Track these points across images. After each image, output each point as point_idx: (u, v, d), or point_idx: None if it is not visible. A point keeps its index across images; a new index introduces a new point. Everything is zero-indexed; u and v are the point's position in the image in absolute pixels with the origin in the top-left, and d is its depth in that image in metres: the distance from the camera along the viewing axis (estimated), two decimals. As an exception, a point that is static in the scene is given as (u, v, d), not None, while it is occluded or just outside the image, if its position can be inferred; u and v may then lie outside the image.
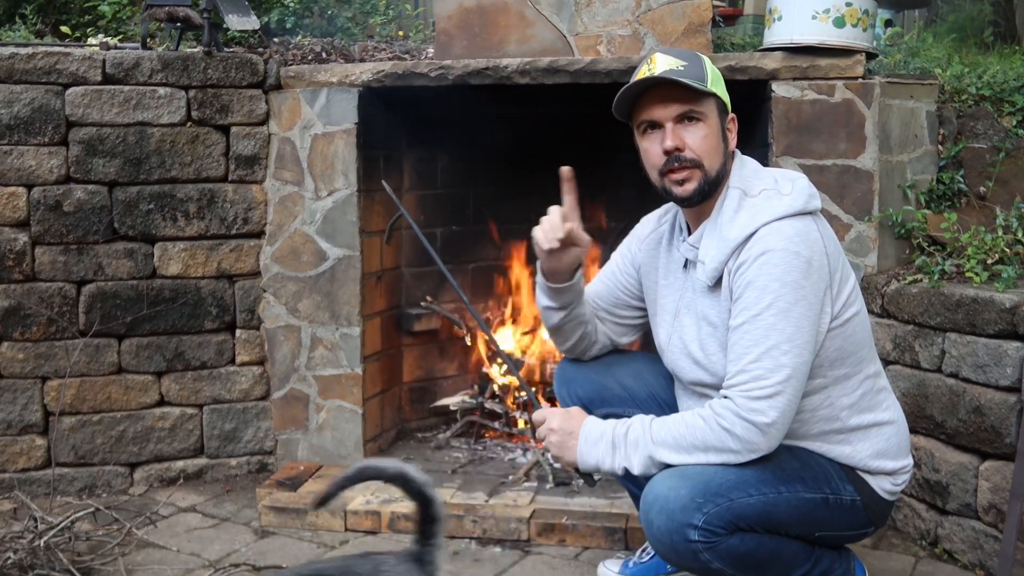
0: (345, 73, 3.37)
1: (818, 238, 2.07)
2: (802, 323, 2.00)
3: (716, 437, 2.02)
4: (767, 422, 1.99)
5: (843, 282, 2.12)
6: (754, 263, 2.03)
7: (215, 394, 3.51)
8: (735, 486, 2.03)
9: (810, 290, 2.02)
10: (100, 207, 3.33)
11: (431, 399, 3.96)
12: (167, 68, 3.34)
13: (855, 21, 3.04)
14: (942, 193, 3.28)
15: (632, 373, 2.48)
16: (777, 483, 2.08)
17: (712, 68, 2.17)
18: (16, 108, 3.22)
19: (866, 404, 2.18)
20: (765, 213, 2.07)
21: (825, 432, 2.16)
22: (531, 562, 2.81)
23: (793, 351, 1.99)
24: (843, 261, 2.15)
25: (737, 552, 2.05)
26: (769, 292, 2.00)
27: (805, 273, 2.01)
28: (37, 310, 3.29)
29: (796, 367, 2.00)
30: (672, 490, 2.02)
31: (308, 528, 3.05)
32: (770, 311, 2.00)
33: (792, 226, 2.04)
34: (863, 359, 2.17)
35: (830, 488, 2.14)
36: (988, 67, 3.78)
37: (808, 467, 2.14)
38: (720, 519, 2.01)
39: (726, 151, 2.19)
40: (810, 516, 2.13)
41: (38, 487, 3.33)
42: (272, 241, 3.49)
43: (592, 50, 3.43)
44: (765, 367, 1.99)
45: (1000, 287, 2.65)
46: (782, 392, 1.99)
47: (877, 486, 2.19)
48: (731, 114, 2.21)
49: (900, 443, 2.22)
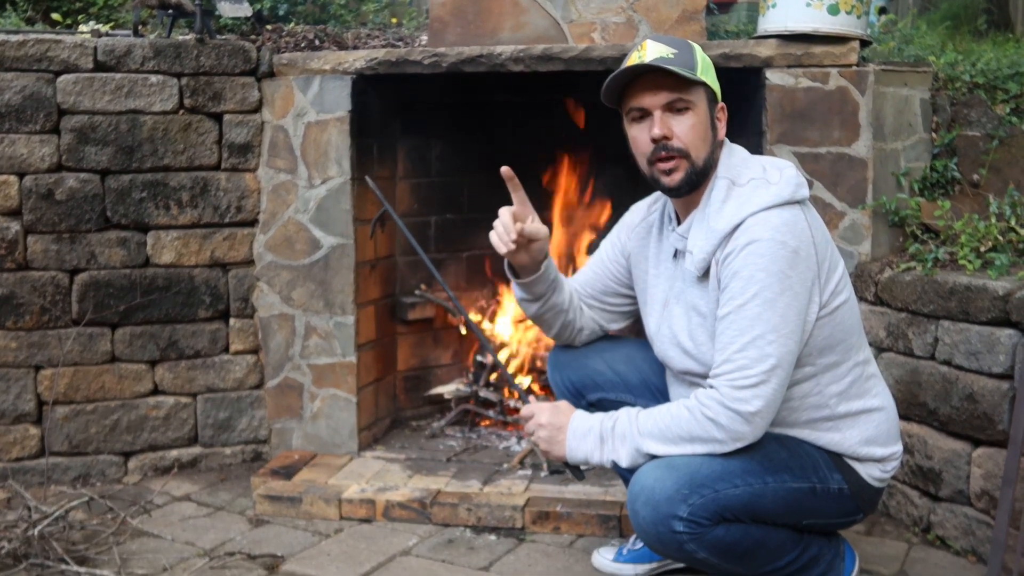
0: (338, 60, 3.35)
1: (805, 227, 2.06)
2: (788, 313, 2.01)
3: (701, 427, 2.03)
4: (752, 411, 2.00)
5: (831, 270, 2.12)
6: (740, 253, 2.03)
7: (209, 383, 3.51)
8: (721, 477, 2.05)
9: (796, 280, 2.02)
10: (92, 195, 3.31)
11: (426, 387, 3.96)
12: (159, 55, 3.33)
13: (849, 8, 3.03)
14: (936, 181, 3.28)
15: (624, 358, 2.48)
16: (764, 473, 2.09)
17: (703, 56, 2.16)
18: (7, 96, 3.20)
19: (855, 391, 2.18)
20: (752, 203, 2.06)
21: (814, 419, 2.17)
22: (526, 550, 2.82)
23: (778, 340, 2.00)
24: (831, 249, 2.14)
25: (723, 542, 2.08)
26: (755, 282, 2.01)
27: (791, 263, 2.01)
28: (30, 299, 3.28)
29: (781, 356, 2.00)
30: (658, 481, 2.04)
31: (303, 517, 3.05)
32: (755, 301, 2.00)
33: (779, 216, 2.04)
34: (852, 347, 2.18)
35: (817, 477, 2.15)
36: (982, 55, 3.78)
37: (796, 456, 2.15)
38: (705, 510, 2.03)
39: (714, 140, 2.18)
40: (797, 505, 2.14)
41: (32, 476, 3.33)
42: (265, 229, 3.48)
43: (586, 37, 3.42)
44: (750, 356, 2.00)
45: (993, 274, 2.65)
46: (767, 381, 1.99)
47: (865, 473, 2.20)
48: (721, 103, 2.20)
49: (889, 430, 2.23)
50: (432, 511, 2.99)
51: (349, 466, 3.35)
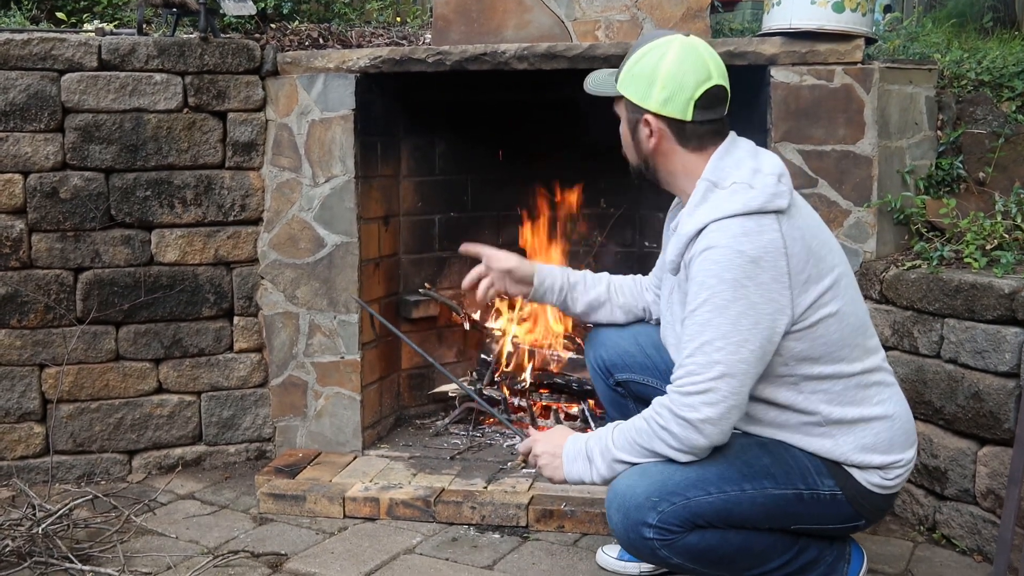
0: (342, 59, 3.35)
1: (775, 238, 2.00)
2: (741, 321, 1.96)
3: (657, 437, 2.04)
4: (700, 418, 1.97)
5: (812, 282, 2.04)
6: (698, 259, 2.02)
7: (213, 381, 3.51)
8: (694, 484, 2.05)
9: (754, 289, 1.97)
10: (97, 194, 3.31)
11: (430, 386, 3.96)
12: (163, 54, 3.33)
13: (854, 6, 3.03)
14: (941, 179, 3.27)
15: (656, 344, 2.48)
16: (741, 480, 2.07)
17: (637, 64, 2.16)
18: (12, 94, 3.21)
19: (850, 399, 2.12)
20: (719, 209, 2.03)
21: (805, 424, 2.13)
22: (530, 548, 2.81)
23: (728, 348, 1.96)
24: (815, 262, 2.05)
25: (696, 549, 2.08)
26: (706, 288, 1.99)
27: (748, 272, 1.97)
28: (34, 297, 3.28)
29: (731, 364, 1.96)
30: (629, 488, 2.06)
31: (307, 515, 3.05)
32: (705, 307, 1.99)
33: (741, 224, 1.99)
34: (844, 359, 2.10)
35: (805, 483, 2.11)
36: (987, 52, 3.77)
37: (780, 462, 2.12)
38: (676, 517, 2.04)
39: (639, 149, 2.20)
40: (781, 512, 2.11)
41: (36, 474, 3.33)
42: (270, 228, 3.48)
43: (590, 35, 3.41)
44: (698, 363, 1.98)
45: (999, 273, 2.65)
46: (714, 389, 1.96)
47: (864, 479, 2.14)
48: (647, 114, 2.15)
49: (892, 438, 2.14)
50: (436, 509, 2.98)
51: (353, 464, 3.35)
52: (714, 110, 2.15)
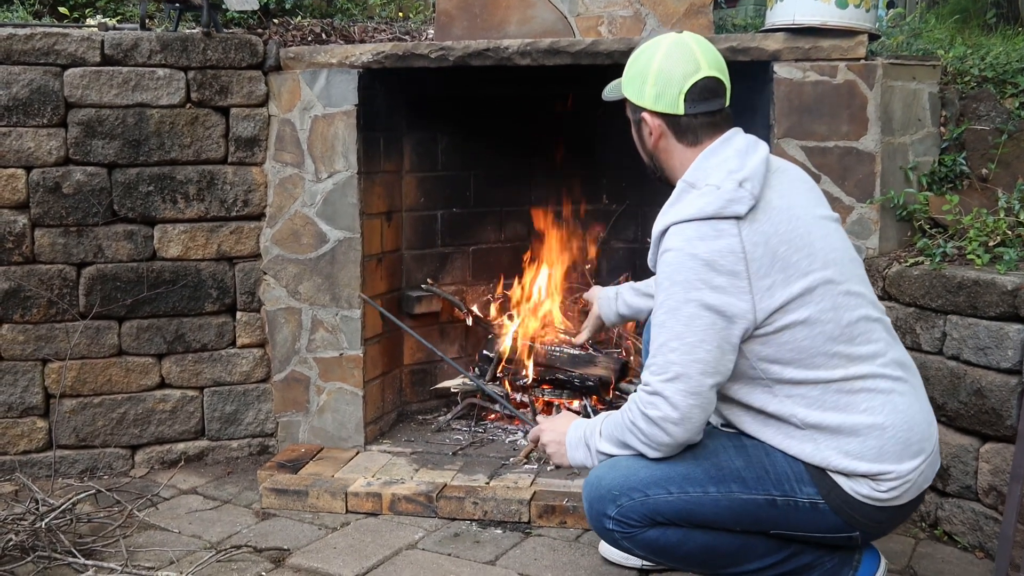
0: (345, 54, 3.35)
1: (733, 243, 1.97)
2: (694, 323, 1.97)
3: (629, 431, 2.08)
4: (660, 416, 2.00)
5: (778, 287, 1.99)
6: (660, 261, 2.06)
7: (216, 376, 3.51)
8: (656, 482, 2.08)
9: (708, 292, 1.96)
10: (100, 189, 3.32)
11: (432, 381, 3.96)
12: (166, 49, 3.32)
13: (858, 2, 3.02)
14: (944, 175, 3.27)
15: None
16: (707, 482, 2.08)
17: (633, 65, 2.17)
18: (15, 89, 3.21)
19: (831, 404, 2.05)
20: (679, 213, 2.04)
21: (785, 425, 2.08)
22: (532, 544, 2.82)
23: (682, 348, 1.98)
24: (782, 267, 2.00)
25: (657, 544, 2.12)
26: (662, 290, 2.02)
27: (701, 275, 1.97)
28: (37, 292, 3.29)
29: (686, 364, 1.97)
30: (598, 479, 2.13)
31: (309, 510, 3.06)
32: (661, 309, 2.02)
33: (695, 228, 2.00)
34: (820, 365, 2.04)
35: (779, 489, 2.08)
36: (991, 48, 3.77)
37: (754, 467, 2.09)
38: (635, 512, 2.09)
39: (646, 147, 2.22)
40: (751, 516, 2.09)
41: (39, 469, 3.34)
42: (272, 223, 3.48)
43: (593, 31, 3.41)
44: (657, 363, 2.01)
45: (1002, 269, 2.64)
46: (669, 389, 1.98)
47: (851, 489, 2.06)
48: (643, 112, 2.16)
49: (882, 447, 2.04)
50: (438, 505, 2.99)
51: (355, 460, 3.35)
52: (708, 102, 2.11)
